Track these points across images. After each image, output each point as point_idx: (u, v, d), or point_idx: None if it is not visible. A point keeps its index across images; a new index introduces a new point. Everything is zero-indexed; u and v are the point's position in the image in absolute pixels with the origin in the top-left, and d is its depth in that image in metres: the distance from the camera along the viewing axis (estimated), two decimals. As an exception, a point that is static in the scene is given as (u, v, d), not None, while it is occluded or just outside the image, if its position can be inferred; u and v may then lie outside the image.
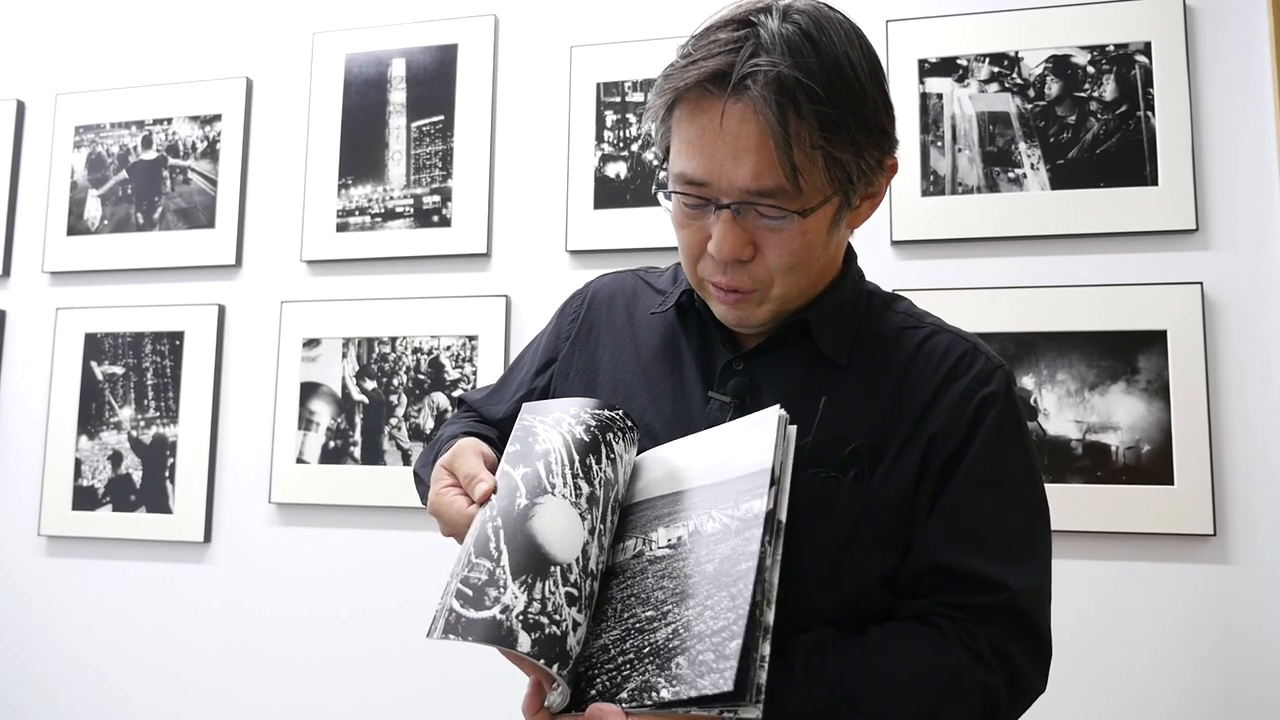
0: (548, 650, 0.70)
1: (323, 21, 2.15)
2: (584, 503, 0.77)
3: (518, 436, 0.83)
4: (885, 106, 0.83)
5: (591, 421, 0.82)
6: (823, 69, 0.77)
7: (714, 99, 0.78)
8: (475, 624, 0.69)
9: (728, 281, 0.85)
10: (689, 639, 0.69)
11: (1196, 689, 1.59)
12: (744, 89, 0.77)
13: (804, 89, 0.76)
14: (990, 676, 0.80)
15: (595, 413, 0.83)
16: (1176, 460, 1.62)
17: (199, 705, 2.01)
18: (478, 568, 0.72)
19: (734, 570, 0.70)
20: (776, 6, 0.80)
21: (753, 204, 0.80)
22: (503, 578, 0.71)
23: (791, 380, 0.88)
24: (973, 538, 0.84)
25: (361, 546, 1.97)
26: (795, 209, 0.79)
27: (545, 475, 0.78)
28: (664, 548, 0.77)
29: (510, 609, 0.70)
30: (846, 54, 0.79)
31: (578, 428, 0.81)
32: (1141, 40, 1.72)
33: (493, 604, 0.70)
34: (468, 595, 0.70)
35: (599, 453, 0.81)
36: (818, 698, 0.78)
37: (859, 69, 0.79)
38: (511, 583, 0.71)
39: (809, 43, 0.77)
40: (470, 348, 1.96)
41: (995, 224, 1.75)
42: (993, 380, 0.88)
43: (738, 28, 0.79)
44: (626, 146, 1.94)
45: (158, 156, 2.19)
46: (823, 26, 0.79)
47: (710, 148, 0.79)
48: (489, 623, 0.69)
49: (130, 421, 2.12)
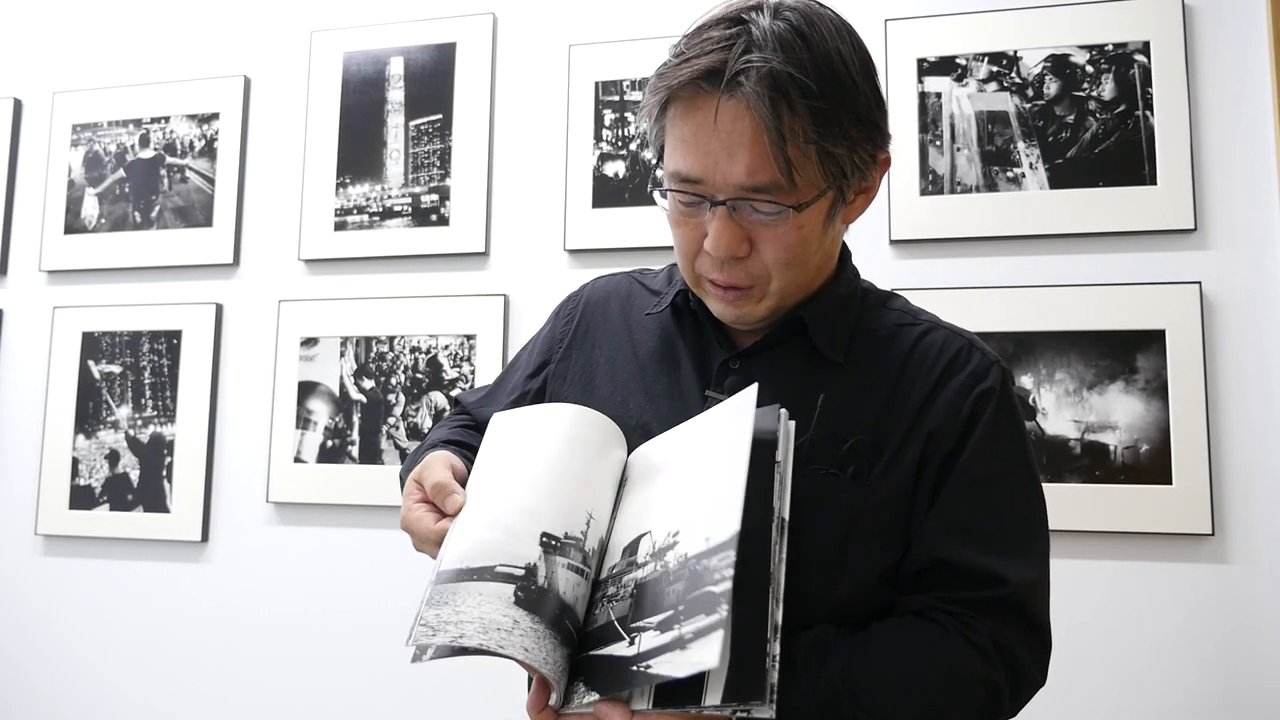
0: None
1: (321, 20, 2.15)
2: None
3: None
4: (877, 101, 0.83)
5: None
6: (815, 65, 0.77)
7: (707, 96, 0.79)
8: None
9: (725, 278, 0.85)
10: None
11: (1195, 689, 1.59)
12: (737, 85, 0.77)
13: (797, 84, 0.76)
14: (992, 670, 0.81)
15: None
16: (1175, 460, 1.62)
17: (197, 704, 2.01)
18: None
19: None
20: (767, 4, 0.81)
21: (748, 200, 0.80)
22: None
23: (788, 378, 0.88)
24: (972, 532, 0.84)
25: (359, 546, 1.97)
26: (790, 204, 0.80)
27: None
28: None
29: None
30: (838, 49, 0.80)
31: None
32: (1140, 40, 1.72)
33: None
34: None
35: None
36: (820, 694, 0.78)
37: (850, 64, 0.80)
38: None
39: (800, 39, 0.78)
40: (468, 347, 1.95)
41: (994, 223, 1.74)
42: (989, 375, 0.88)
43: (729, 25, 0.80)
44: (625, 145, 1.93)
45: (155, 155, 2.19)
46: (813, 23, 0.80)
47: (704, 145, 0.80)
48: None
49: (128, 421, 2.12)
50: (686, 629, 0.67)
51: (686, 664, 0.65)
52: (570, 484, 0.80)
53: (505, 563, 0.73)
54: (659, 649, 0.68)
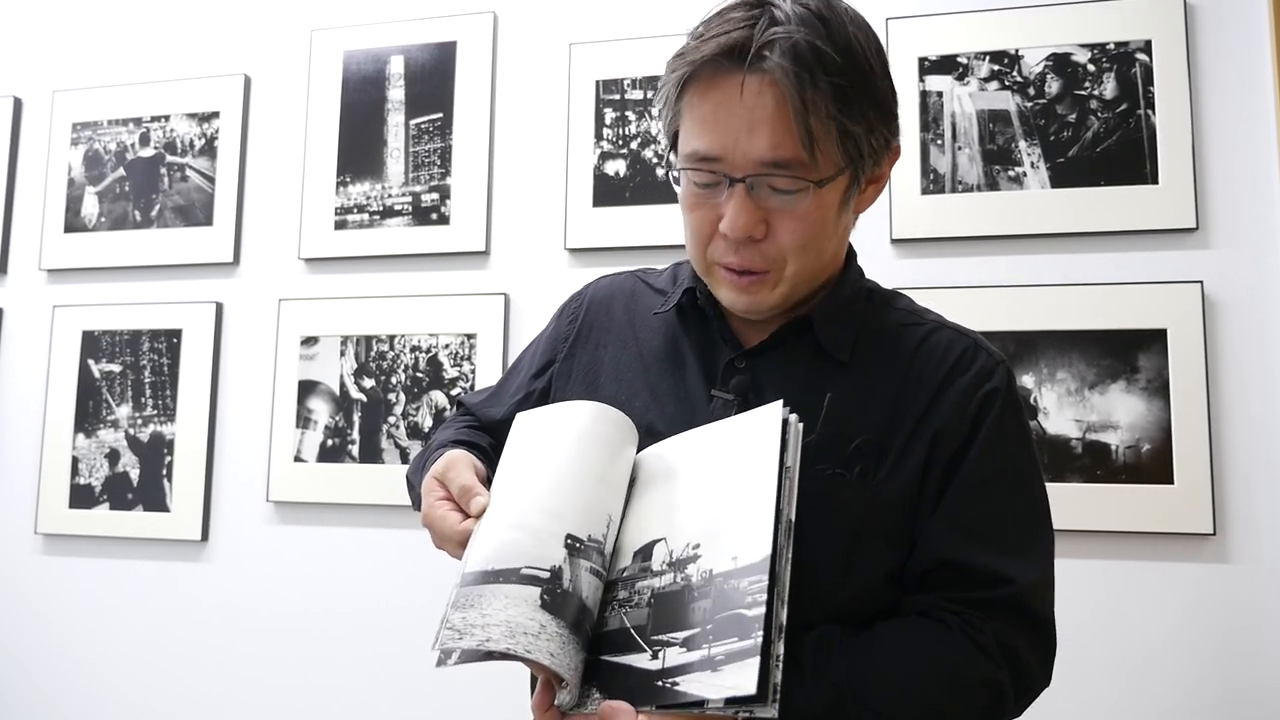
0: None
1: (321, 18, 2.15)
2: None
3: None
4: (891, 91, 0.85)
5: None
6: (835, 45, 0.79)
7: (730, 73, 0.80)
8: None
9: (740, 262, 0.85)
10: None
11: (1196, 688, 1.59)
12: (761, 59, 0.78)
13: (821, 58, 0.78)
14: (996, 671, 0.81)
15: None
16: (1176, 459, 1.62)
17: (196, 704, 2.01)
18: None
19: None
20: None
21: (767, 175, 0.80)
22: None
23: (794, 378, 0.88)
24: (977, 533, 0.84)
25: (359, 545, 1.97)
26: (812, 179, 0.80)
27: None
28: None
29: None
30: (856, 36, 0.81)
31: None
32: (1142, 39, 1.72)
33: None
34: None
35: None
36: (825, 694, 0.78)
37: (869, 51, 0.82)
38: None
39: (821, 21, 0.80)
40: (469, 346, 1.95)
41: (995, 222, 1.74)
42: (994, 376, 0.88)
43: (751, 7, 0.82)
44: (625, 144, 1.93)
45: (155, 154, 2.19)
46: (833, 8, 0.82)
47: (725, 122, 0.80)
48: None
49: (128, 420, 2.12)
50: (717, 650, 0.67)
51: (721, 686, 0.65)
52: (591, 485, 0.80)
53: (531, 565, 0.73)
54: (686, 667, 0.68)
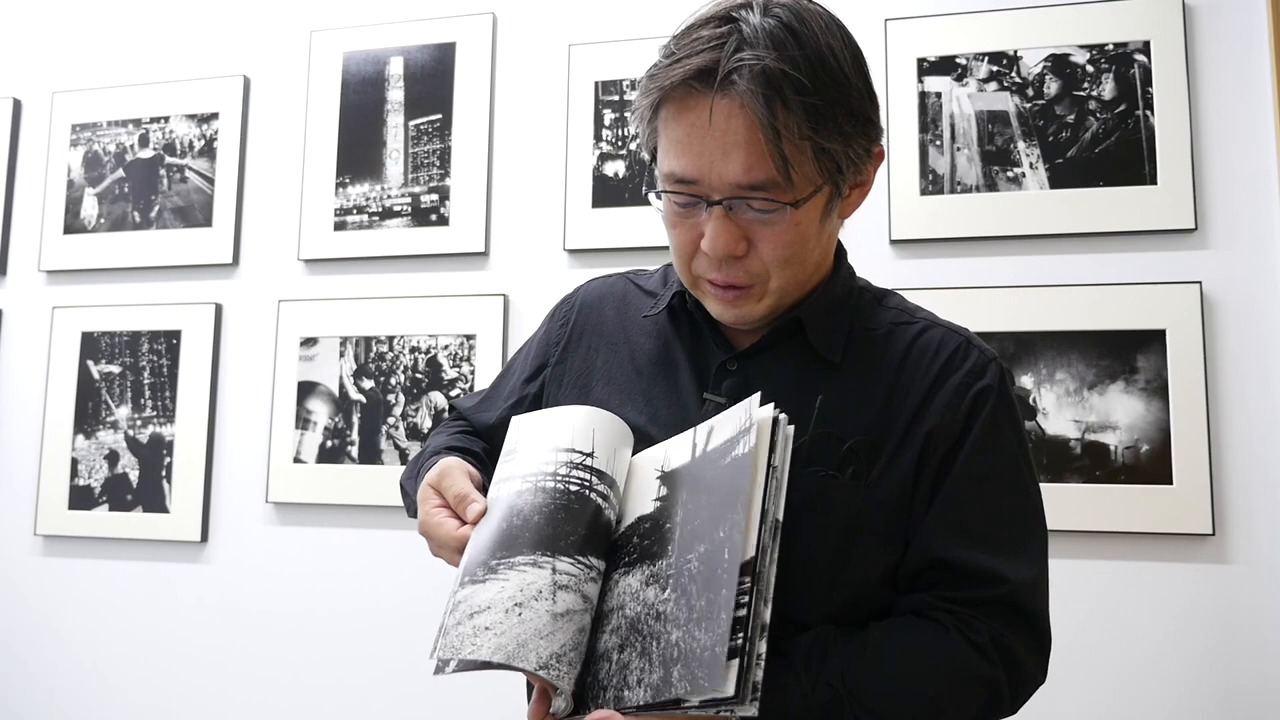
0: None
1: (320, 20, 2.15)
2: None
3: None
4: (869, 94, 0.83)
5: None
6: (807, 61, 0.77)
7: (700, 96, 0.78)
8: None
9: (723, 278, 0.84)
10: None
11: (1195, 689, 1.59)
12: (730, 84, 0.77)
13: (790, 81, 0.76)
14: (991, 669, 0.81)
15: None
16: (1175, 460, 1.61)
17: (196, 705, 2.01)
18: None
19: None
20: (756, 1, 0.80)
21: (744, 198, 0.80)
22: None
23: (786, 379, 0.88)
24: (971, 532, 0.84)
25: (359, 546, 1.97)
26: (787, 200, 0.79)
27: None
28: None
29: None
30: (829, 45, 0.79)
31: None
32: (1140, 39, 1.72)
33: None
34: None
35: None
36: (820, 695, 0.78)
37: (842, 59, 0.80)
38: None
39: (792, 35, 0.78)
40: (468, 347, 1.95)
41: (994, 223, 1.74)
42: (987, 373, 0.88)
43: (719, 24, 0.80)
44: (625, 145, 1.93)
45: (155, 155, 2.19)
46: (804, 19, 0.79)
47: (699, 145, 0.79)
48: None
49: (127, 421, 2.12)
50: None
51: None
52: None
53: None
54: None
